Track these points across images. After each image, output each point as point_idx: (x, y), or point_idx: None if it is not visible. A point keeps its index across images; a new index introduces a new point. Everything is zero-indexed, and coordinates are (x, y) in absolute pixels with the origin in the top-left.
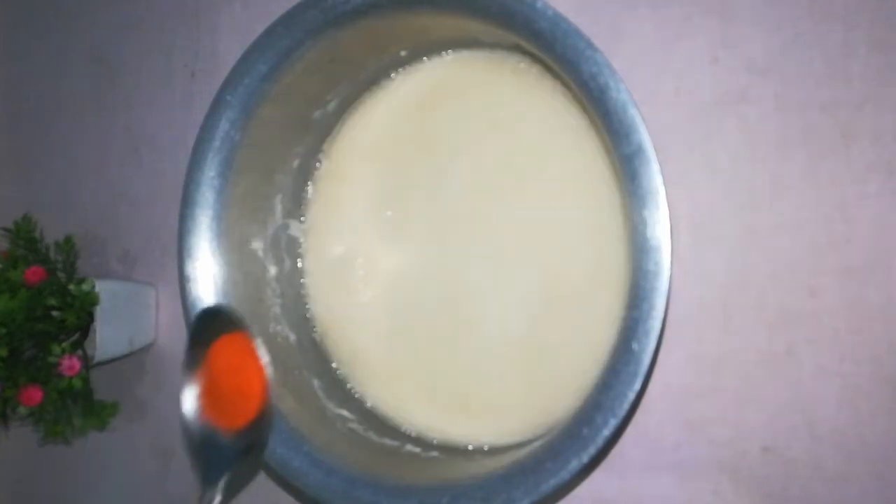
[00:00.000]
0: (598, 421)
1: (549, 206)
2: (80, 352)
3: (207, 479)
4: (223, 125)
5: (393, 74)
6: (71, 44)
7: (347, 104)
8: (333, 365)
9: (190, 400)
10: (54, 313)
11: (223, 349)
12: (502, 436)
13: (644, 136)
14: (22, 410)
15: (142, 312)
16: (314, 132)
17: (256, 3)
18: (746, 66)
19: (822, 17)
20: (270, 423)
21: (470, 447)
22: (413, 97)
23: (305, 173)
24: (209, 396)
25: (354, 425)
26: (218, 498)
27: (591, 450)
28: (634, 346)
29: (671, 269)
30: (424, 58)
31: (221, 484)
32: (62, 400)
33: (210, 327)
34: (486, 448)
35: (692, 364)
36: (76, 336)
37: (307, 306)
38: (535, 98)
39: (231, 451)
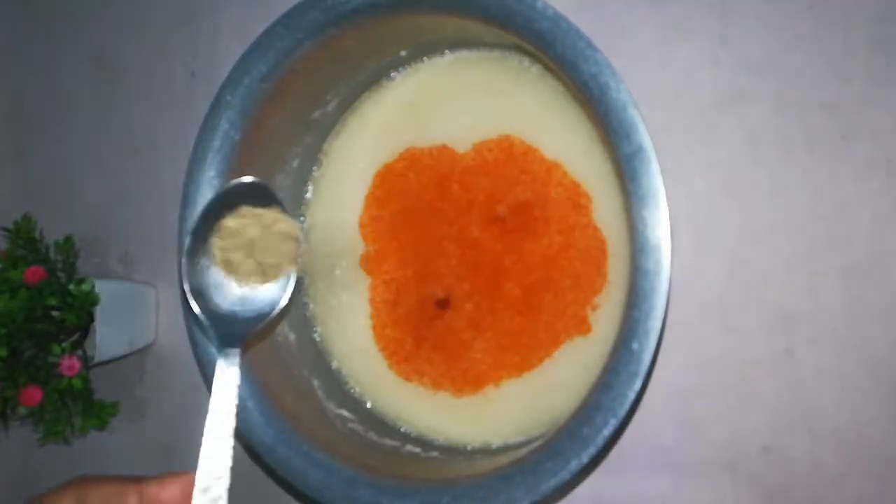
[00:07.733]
0: (598, 421)
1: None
2: (80, 352)
3: (228, 340)
4: (223, 125)
5: (393, 74)
6: (71, 44)
7: (347, 104)
8: (333, 365)
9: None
10: (54, 313)
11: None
12: (502, 436)
13: (644, 136)
14: (22, 410)
15: (142, 312)
16: (314, 132)
17: (256, 3)
18: (746, 66)
19: (822, 17)
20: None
21: (470, 447)
22: (413, 97)
23: (305, 173)
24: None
25: (354, 425)
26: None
27: (591, 450)
28: (634, 346)
29: (671, 269)
30: (424, 58)
31: (241, 346)
32: (62, 400)
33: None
34: (486, 448)
35: (692, 364)
36: (76, 336)
37: (307, 306)
38: (534, 98)
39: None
